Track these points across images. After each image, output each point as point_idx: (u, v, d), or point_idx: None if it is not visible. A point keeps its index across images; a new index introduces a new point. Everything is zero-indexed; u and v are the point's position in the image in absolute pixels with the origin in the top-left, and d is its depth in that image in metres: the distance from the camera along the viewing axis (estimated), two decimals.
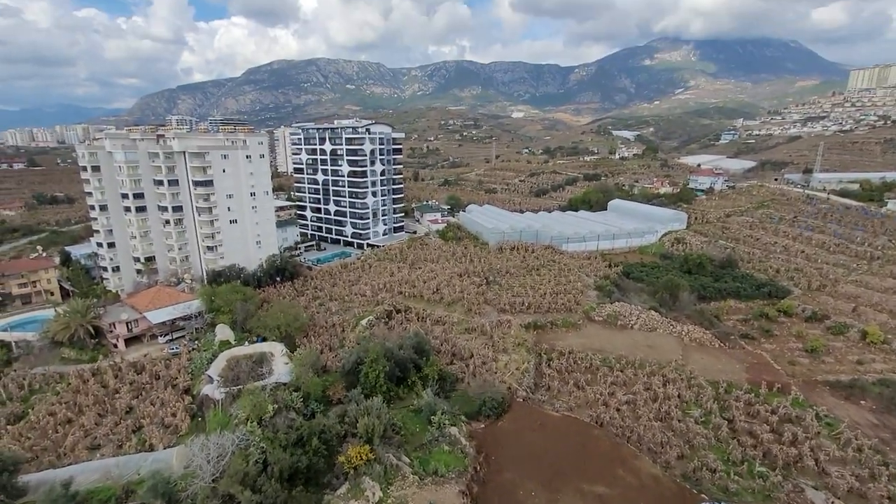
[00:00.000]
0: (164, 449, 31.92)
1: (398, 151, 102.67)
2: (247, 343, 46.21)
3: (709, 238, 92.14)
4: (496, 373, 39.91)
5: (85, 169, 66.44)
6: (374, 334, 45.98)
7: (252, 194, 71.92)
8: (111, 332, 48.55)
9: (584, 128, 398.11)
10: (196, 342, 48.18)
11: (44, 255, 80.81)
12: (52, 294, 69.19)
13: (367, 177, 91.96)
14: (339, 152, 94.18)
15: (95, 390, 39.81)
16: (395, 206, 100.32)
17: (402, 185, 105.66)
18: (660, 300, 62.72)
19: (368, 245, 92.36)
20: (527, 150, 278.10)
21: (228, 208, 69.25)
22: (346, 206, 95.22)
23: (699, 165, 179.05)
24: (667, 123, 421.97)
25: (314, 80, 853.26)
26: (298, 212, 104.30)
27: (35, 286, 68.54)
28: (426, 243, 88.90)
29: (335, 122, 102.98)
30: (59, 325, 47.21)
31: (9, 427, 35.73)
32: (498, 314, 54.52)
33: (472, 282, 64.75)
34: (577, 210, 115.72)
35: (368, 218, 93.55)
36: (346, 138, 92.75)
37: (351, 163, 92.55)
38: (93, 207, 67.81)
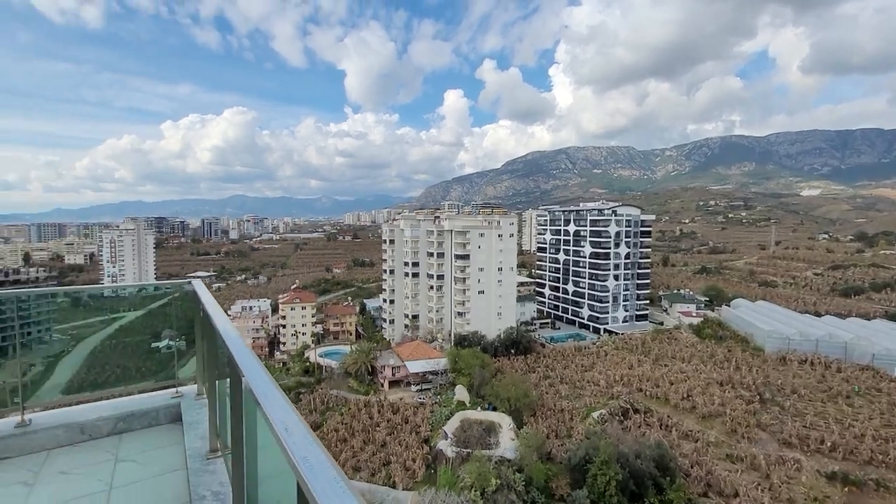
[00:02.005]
0: (403, 490, 35.56)
1: (646, 234, 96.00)
2: (479, 408, 48.61)
3: None
4: None
5: (384, 241, 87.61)
6: (606, 432, 41.17)
7: (499, 269, 79.12)
8: (381, 373, 59.52)
9: None
10: (438, 397, 53.74)
11: (350, 304, 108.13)
12: (350, 334, 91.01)
13: (609, 259, 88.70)
14: (582, 233, 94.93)
15: (364, 420, 48.65)
16: (638, 291, 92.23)
17: (648, 270, 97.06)
18: None
19: (606, 331, 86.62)
20: (826, 236, 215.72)
21: (479, 280, 77.86)
22: (584, 288, 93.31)
23: None
24: None
25: (562, 166, 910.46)
26: (537, 289, 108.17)
27: (342, 326, 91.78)
28: (675, 337, 77.00)
29: (581, 204, 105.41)
30: (351, 360, 60.96)
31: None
32: (779, 447, 40.85)
33: (739, 395, 51.40)
34: None
35: (608, 302, 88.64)
36: (590, 220, 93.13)
37: (594, 244, 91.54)
38: (385, 271, 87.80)
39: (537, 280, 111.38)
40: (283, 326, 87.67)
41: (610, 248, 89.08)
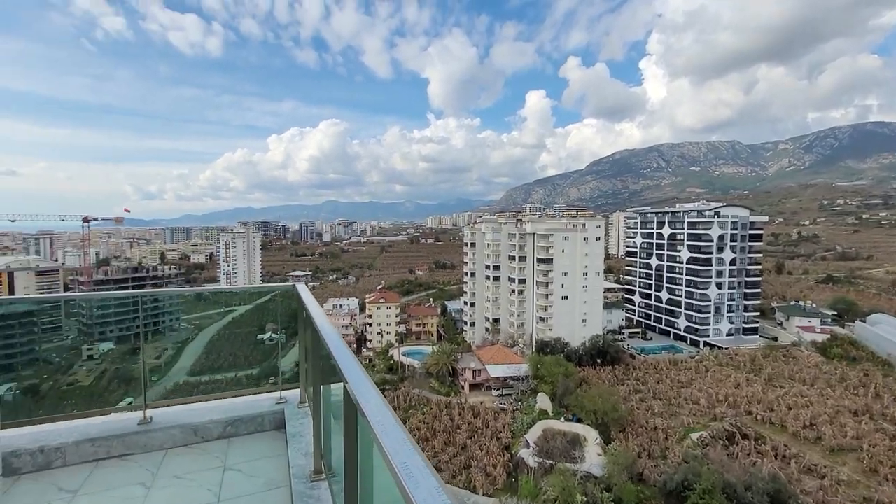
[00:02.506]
0: (483, 496, 35.30)
1: (757, 238, 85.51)
2: (562, 419, 46.71)
3: None
4: None
5: (466, 245, 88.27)
6: (708, 457, 37.19)
7: (584, 274, 75.65)
8: (462, 375, 59.90)
9: None
10: (519, 403, 52.67)
11: (432, 305, 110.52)
12: (432, 335, 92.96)
13: (710, 265, 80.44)
14: (678, 237, 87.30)
15: (445, 421, 49.23)
16: (746, 302, 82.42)
17: (759, 279, 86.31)
18: None
19: (707, 344, 78.57)
20: None
21: (562, 285, 75.13)
22: (681, 296, 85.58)
23: None
24: None
25: (654, 165, 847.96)
26: (626, 296, 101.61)
27: (424, 327, 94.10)
28: (794, 356, 67.42)
29: (677, 205, 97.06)
30: (433, 361, 62.16)
31: None
32: None
33: (881, 428, 43.46)
34: None
35: (709, 312, 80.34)
36: (688, 222, 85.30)
37: (692, 248, 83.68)
38: (466, 274, 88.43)
39: (626, 286, 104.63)
40: (370, 325, 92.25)
41: (712, 254, 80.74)
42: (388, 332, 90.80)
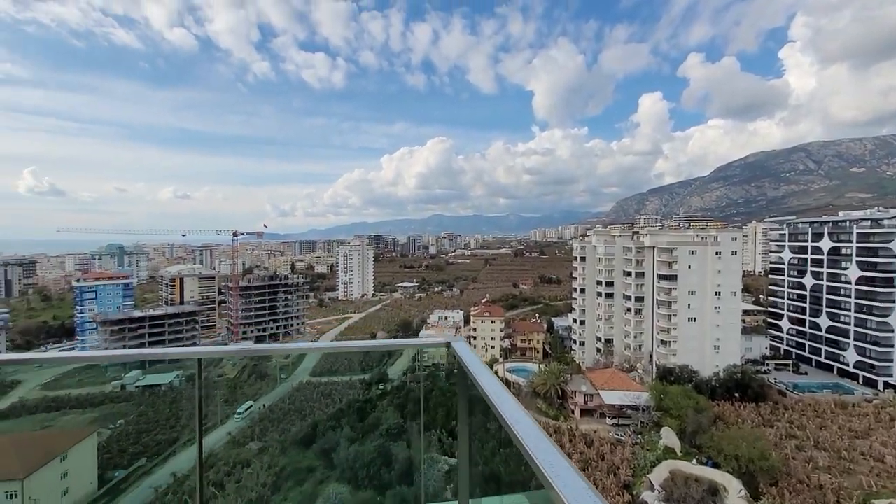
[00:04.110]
0: None
1: None
2: (694, 461, 40.53)
3: None
4: None
5: (575, 259, 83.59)
6: None
7: (717, 294, 66.22)
8: (572, 398, 55.93)
9: None
10: (639, 437, 47.22)
11: (538, 321, 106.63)
12: (537, 352, 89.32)
13: (892, 286, 64.66)
14: (843, 251, 72.06)
15: None
16: None
17: None
18: None
19: (888, 385, 62.97)
20: None
21: (688, 305, 66.66)
22: (848, 324, 70.13)
23: None
24: None
25: (800, 167, 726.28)
26: (770, 320, 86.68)
27: (529, 343, 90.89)
28: None
29: (840, 213, 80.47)
30: (540, 380, 59.18)
31: (501, 450, 46.89)
32: None
33: None
34: None
35: (891, 346, 64.42)
36: (857, 233, 69.99)
37: (865, 266, 68.30)
38: (575, 290, 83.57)
39: (769, 309, 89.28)
40: (474, 338, 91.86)
41: (893, 273, 64.94)
42: (492, 347, 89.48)
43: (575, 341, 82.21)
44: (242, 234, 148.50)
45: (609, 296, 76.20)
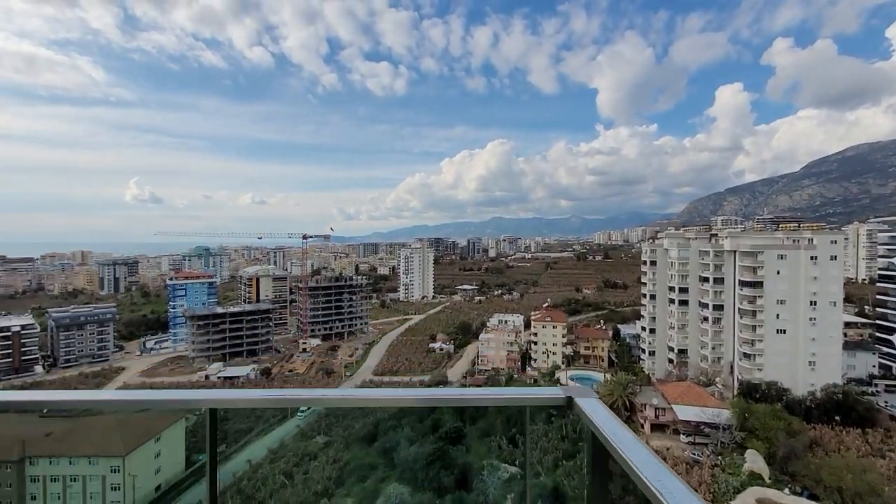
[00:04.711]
0: None
1: None
2: (786, 490, 36.38)
3: None
4: None
5: (644, 263, 78.97)
6: None
7: (812, 303, 59.29)
8: (641, 411, 52.69)
9: None
10: (719, 458, 43.32)
11: (603, 328, 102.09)
12: (602, 360, 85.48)
13: None
14: None
15: None
16: None
17: None
18: None
19: None
20: None
21: (777, 315, 60.27)
22: None
23: None
24: None
25: None
26: (879, 334, 76.10)
27: (593, 351, 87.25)
28: None
29: None
30: (606, 391, 56.42)
31: (563, 462, 45.20)
32: None
33: None
34: None
35: None
36: None
37: None
38: (644, 295, 78.92)
39: (878, 322, 78.40)
40: (535, 343, 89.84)
41: None
42: (553, 353, 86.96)
43: (644, 350, 77.51)
44: (311, 237, 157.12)
45: (683, 303, 71.01)
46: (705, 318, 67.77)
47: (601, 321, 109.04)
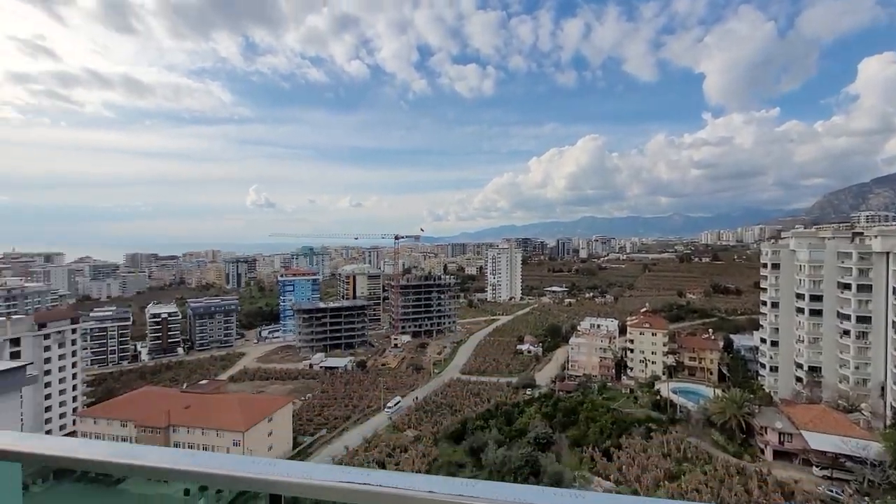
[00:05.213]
0: None
1: None
2: None
3: None
4: None
5: (765, 266, 69.50)
6: None
7: None
8: (761, 435, 46.41)
9: None
10: (866, 498, 36.46)
11: (711, 337, 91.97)
12: (711, 373, 77.04)
13: None
14: None
15: (739, 491, 38.65)
16: None
17: None
18: None
19: None
20: None
21: None
22: None
23: None
24: None
25: None
26: None
27: (700, 362, 79.03)
28: None
29: None
30: (716, 408, 50.71)
31: (665, 482, 41.25)
32: None
33: None
34: None
35: None
36: None
37: None
38: (764, 303, 69.45)
39: None
40: (631, 350, 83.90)
41: None
42: (653, 362, 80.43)
43: (764, 365, 68.12)
44: (402, 237, 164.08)
45: (815, 312, 61.02)
46: (846, 332, 57.53)
47: (709, 330, 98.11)
